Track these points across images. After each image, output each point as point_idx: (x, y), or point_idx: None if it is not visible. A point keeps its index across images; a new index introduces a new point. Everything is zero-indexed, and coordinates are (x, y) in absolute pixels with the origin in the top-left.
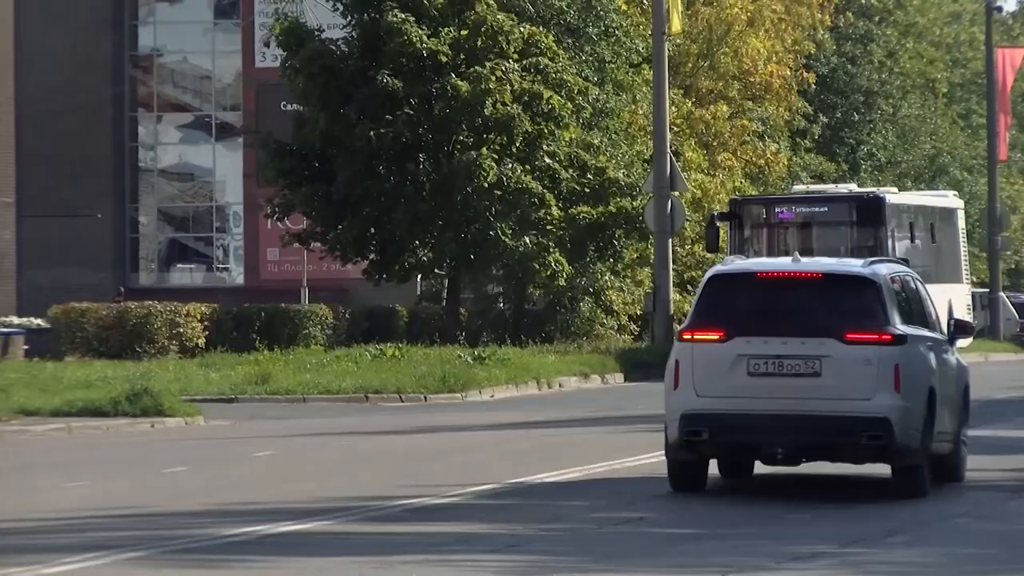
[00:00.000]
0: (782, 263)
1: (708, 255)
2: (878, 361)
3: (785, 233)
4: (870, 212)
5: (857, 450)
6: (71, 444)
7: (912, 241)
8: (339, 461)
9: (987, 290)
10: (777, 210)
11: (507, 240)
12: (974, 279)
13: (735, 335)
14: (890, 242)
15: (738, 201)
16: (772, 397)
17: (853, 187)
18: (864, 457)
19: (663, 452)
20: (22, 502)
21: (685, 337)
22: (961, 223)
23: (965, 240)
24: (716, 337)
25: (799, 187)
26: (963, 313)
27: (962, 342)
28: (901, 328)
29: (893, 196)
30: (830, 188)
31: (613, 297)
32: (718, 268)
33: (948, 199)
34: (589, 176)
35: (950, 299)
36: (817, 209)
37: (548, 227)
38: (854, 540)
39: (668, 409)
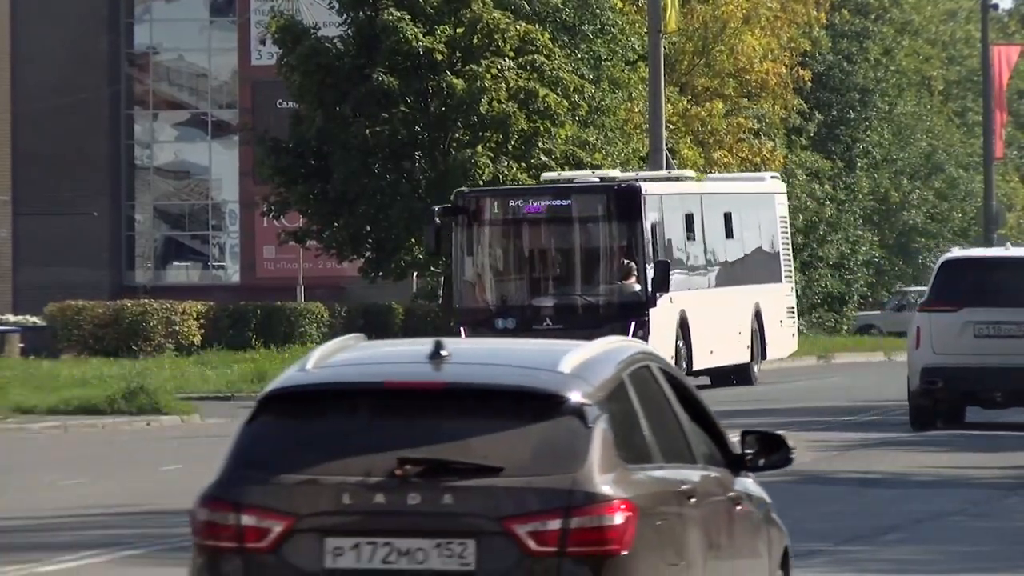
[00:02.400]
0: (998, 251)
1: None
2: None
3: (523, 231)
4: (623, 204)
5: None
6: (67, 442)
7: (693, 236)
8: None
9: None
10: (512, 204)
11: None
12: None
13: (963, 306)
14: (649, 238)
15: (466, 194)
16: (992, 354)
17: (615, 173)
18: None
19: None
20: (18, 500)
21: (925, 308)
22: (781, 211)
23: (788, 231)
24: (949, 308)
25: (549, 175)
26: (780, 322)
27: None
28: None
29: (655, 184)
30: (580, 176)
31: None
32: (948, 255)
33: (763, 183)
34: None
35: (758, 303)
36: (559, 202)
37: None
38: (850, 538)
39: (910, 364)
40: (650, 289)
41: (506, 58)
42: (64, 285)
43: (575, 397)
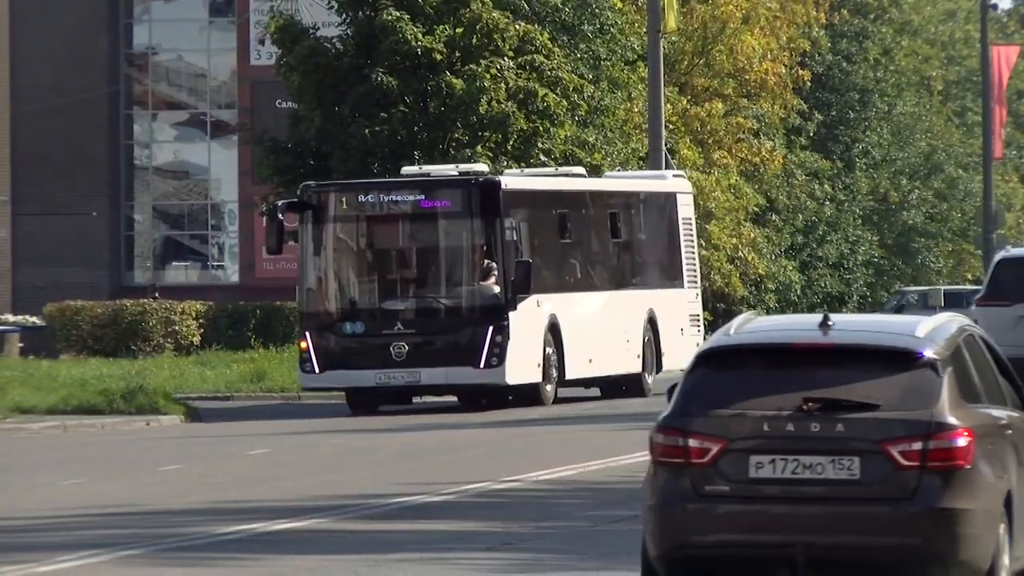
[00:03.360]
0: None
1: (703, 253)
2: None
3: (373, 228)
4: (480, 200)
5: None
6: (67, 442)
7: (569, 235)
8: (334, 459)
9: (982, 288)
10: (362, 199)
11: None
12: (968, 276)
13: (1017, 302)
14: (511, 237)
15: (311, 187)
16: None
17: (479, 167)
18: None
19: None
20: (18, 500)
21: (981, 303)
22: (685, 211)
23: (693, 233)
24: (1004, 303)
25: (409, 168)
26: (681, 330)
27: None
28: None
29: (520, 180)
30: (438, 170)
31: None
32: (1003, 254)
33: (664, 181)
34: None
35: (652, 310)
36: (412, 198)
37: None
38: None
39: None
40: (510, 291)
41: (505, 58)
42: (63, 285)
43: (929, 354)
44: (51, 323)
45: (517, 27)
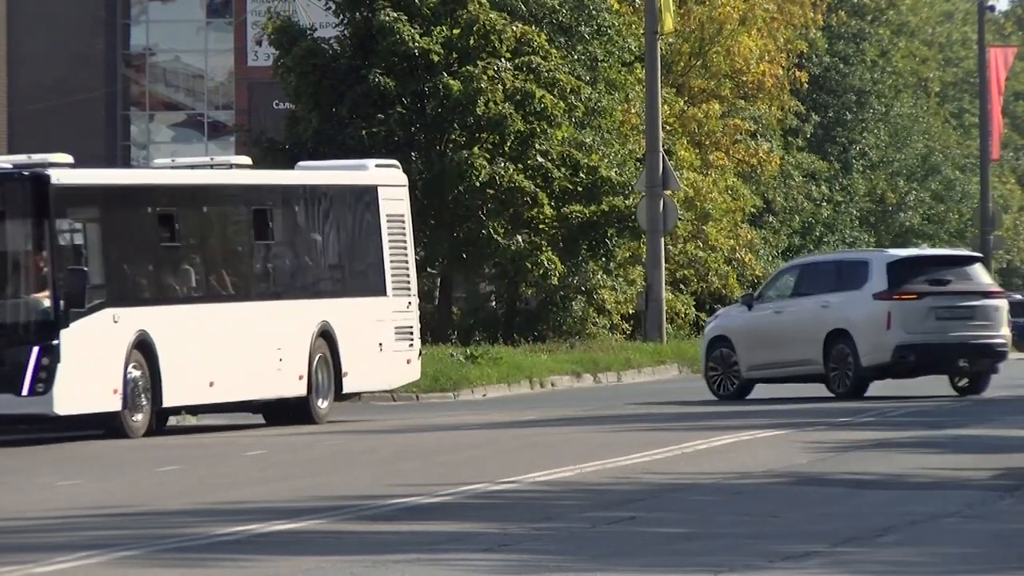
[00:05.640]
0: (930, 251)
1: (701, 254)
2: (1002, 309)
3: None
4: (24, 197)
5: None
6: (63, 442)
7: (176, 237)
8: (330, 460)
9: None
10: None
11: (499, 239)
12: None
13: (923, 295)
14: (58, 242)
15: None
16: (951, 332)
17: (40, 158)
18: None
19: (656, 452)
20: (14, 501)
21: (895, 297)
22: (392, 207)
23: (406, 232)
24: (914, 296)
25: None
26: (379, 345)
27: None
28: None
29: (84, 173)
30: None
31: (605, 296)
32: (892, 253)
33: (362, 172)
34: (581, 175)
35: (326, 322)
36: None
37: (540, 226)
38: (846, 539)
39: (884, 342)
40: (61, 305)
41: (502, 59)
42: None
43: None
44: None
45: (514, 28)
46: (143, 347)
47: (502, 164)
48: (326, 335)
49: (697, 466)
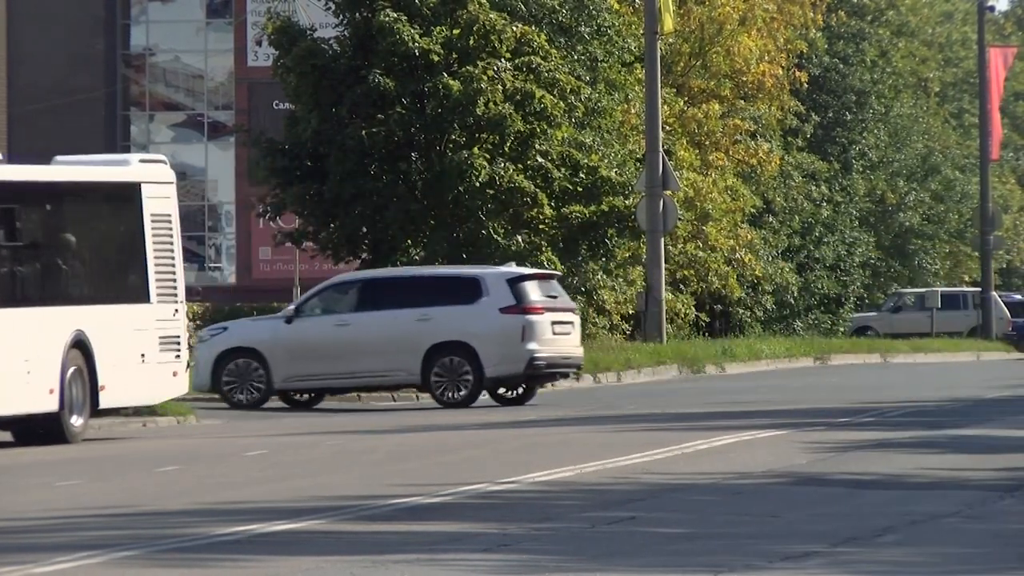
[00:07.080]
0: (527, 269)
1: (701, 254)
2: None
3: None
4: None
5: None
6: (62, 442)
7: None
8: (330, 460)
9: (979, 289)
10: None
11: (499, 239)
12: (965, 278)
13: (546, 310)
14: None
15: None
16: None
17: None
18: None
19: (656, 452)
20: (13, 501)
21: (530, 311)
22: (158, 205)
23: (173, 233)
24: (540, 311)
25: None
26: (142, 356)
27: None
28: None
29: None
30: None
31: (605, 296)
32: (505, 270)
33: (122, 168)
34: (581, 175)
35: (81, 331)
36: None
37: (540, 226)
38: (845, 539)
39: (516, 354)
40: None
41: (502, 59)
42: None
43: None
44: None
45: (514, 29)
46: None
47: (502, 164)
48: (80, 345)
49: (697, 466)
